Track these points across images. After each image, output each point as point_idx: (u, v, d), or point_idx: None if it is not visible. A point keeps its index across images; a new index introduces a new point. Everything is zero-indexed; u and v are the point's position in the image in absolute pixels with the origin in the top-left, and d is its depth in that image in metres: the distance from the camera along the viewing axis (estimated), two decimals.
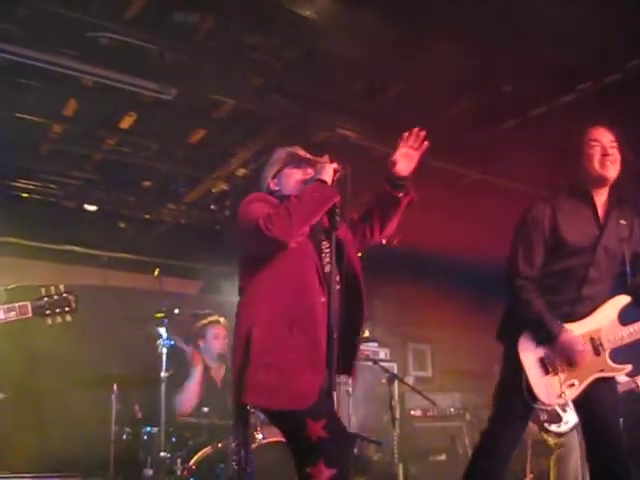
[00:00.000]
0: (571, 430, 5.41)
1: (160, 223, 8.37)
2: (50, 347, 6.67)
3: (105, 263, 8.29)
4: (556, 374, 3.71)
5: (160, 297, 6.19)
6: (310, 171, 3.57)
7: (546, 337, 3.72)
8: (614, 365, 3.79)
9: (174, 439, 5.37)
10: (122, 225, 8.19)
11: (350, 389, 6.43)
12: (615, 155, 3.82)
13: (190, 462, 5.12)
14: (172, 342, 5.30)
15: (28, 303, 3.68)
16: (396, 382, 6.58)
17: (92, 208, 7.67)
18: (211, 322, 6.18)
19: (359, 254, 3.62)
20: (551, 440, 5.46)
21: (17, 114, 6.16)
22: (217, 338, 6.16)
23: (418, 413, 7.63)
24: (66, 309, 3.84)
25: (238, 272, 3.50)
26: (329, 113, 6.14)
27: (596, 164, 3.81)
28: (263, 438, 4.99)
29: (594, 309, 3.81)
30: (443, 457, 7.39)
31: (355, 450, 6.06)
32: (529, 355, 3.74)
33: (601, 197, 3.90)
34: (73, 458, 6.06)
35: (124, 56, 5.25)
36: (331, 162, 3.49)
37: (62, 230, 7.76)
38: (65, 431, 6.45)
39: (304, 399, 3.14)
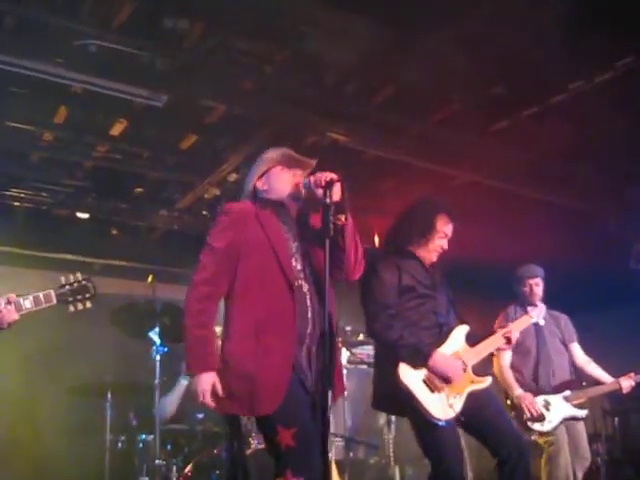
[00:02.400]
0: (556, 428, 5.43)
1: (153, 230, 8.37)
2: (43, 356, 6.67)
3: (98, 271, 8.26)
4: (440, 391, 3.97)
5: (154, 304, 6.15)
6: (299, 173, 3.57)
7: (421, 359, 3.98)
8: (479, 377, 4.18)
9: (169, 446, 5.36)
10: (114, 232, 8.18)
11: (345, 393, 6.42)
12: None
13: (186, 469, 5.11)
14: (166, 349, 5.29)
15: (51, 291, 3.69)
16: None
17: (84, 216, 7.65)
18: None
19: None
20: (540, 440, 5.47)
21: (7, 122, 6.15)
22: None
23: None
24: (87, 295, 3.87)
25: None
26: (319, 117, 6.13)
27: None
28: (258, 443, 4.99)
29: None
30: None
31: (351, 454, 6.06)
32: (412, 379, 3.96)
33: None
34: (68, 466, 6.04)
35: (114, 63, 5.22)
36: (312, 173, 3.47)
37: (54, 238, 7.74)
38: (59, 439, 6.43)
39: (265, 405, 3.15)
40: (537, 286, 5.82)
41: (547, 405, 5.47)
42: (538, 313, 5.11)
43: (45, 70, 5.11)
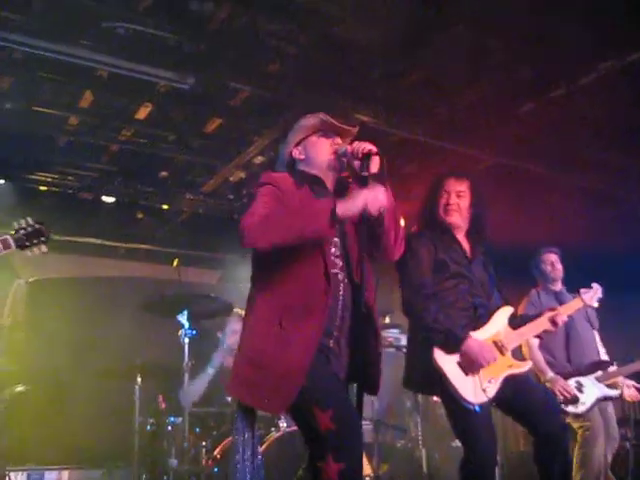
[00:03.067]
0: (589, 410, 5.37)
1: (178, 213, 8.37)
2: (71, 338, 6.71)
3: (123, 254, 8.29)
4: (474, 374, 3.91)
5: (180, 287, 6.16)
6: (338, 140, 3.40)
7: (455, 344, 3.92)
8: (518, 362, 4.14)
9: (198, 429, 5.36)
10: (140, 216, 8.19)
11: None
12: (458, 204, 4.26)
13: (214, 452, 5.11)
14: (194, 332, 5.28)
15: (8, 237, 3.67)
16: None
17: (110, 200, 7.67)
18: (233, 315, 6.18)
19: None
20: (575, 424, 5.41)
21: (34, 107, 6.18)
22: (235, 334, 6.17)
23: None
24: (42, 239, 3.82)
25: (251, 262, 3.36)
26: (346, 98, 6.09)
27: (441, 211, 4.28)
28: (287, 426, 4.98)
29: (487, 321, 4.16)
30: None
31: (379, 437, 6.04)
32: (446, 362, 3.91)
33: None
34: (97, 449, 6.10)
35: (140, 46, 5.23)
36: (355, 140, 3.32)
37: (80, 222, 7.77)
38: (88, 422, 6.49)
39: (275, 402, 3.05)
40: (558, 263, 5.78)
41: (580, 387, 5.41)
42: (592, 296, 4.84)
43: (72, 53, 5.10)
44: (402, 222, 3.54)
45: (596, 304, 4.93)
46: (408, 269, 4.12)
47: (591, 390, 5.43)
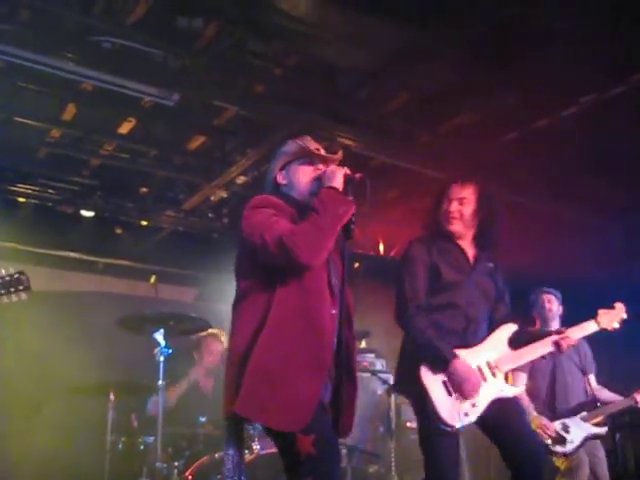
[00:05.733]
0: (578, 449, 5.37)
1: (157, 230, 8.32)
2: (44, 353, 6.61)
3: (101, 270, 8.23)
4: (458, 397, 3.82)
5: (156, 304, 6.12)
6: (322, 167, 3.32)
7: (441, 365, 3.84)
8: (510, 386, 4.09)
9: (170, 449, 5.30)
10: (119, 231, 8.12)
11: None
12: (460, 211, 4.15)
13: (186, 472, 5.06)
14: (169, 350, 5.23)
15: None
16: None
17: (89, 214, 7.61)
18: (209, 335, 6.14)
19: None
20: (558, 462, 5.41)
21: (15, 117, 6.13)
22: (211, 354, 6.15)
23: (414, 425, 7.54)
24: (20, 287, 3.81)
25: (237, 273, 3.26)
26: (329, 122, 6.10)
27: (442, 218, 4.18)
28: (261, 449, 4.94)
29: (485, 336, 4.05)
30: None
31: (352, 461, 6.00)
32: (431, 379, 3.84)
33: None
34: (68, 468, 5.99)
35: (126, 61, 5.22)
36: (340, 164, 3.30)
37: (59, 236, 7.70)
38: (58, 440, 6.37)
39: (297, 420, 2.93)
40: (552, 303, 5.77)
41: (566, 428, 5.41)
42: (612, 317, 4.38)
43: (57, 65, 5.07)
44: (381, 247, 3.53)
45: (617, 325, 4.40)
46: (402, 277, 4.05)
47: (578, 429, 5.44)
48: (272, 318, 3.02)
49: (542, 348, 4.11)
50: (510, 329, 4.07)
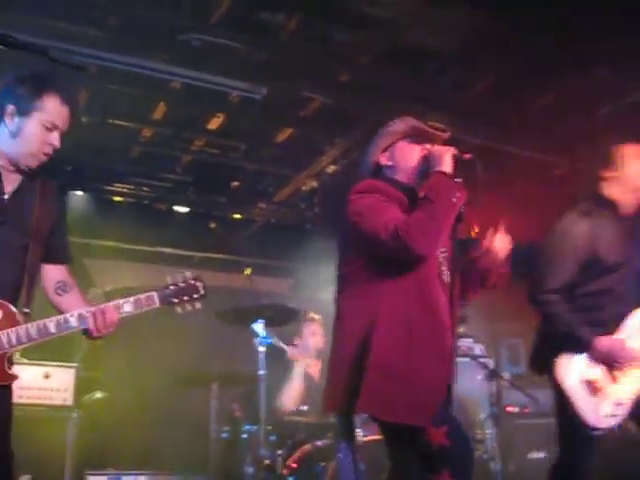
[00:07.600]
0: None
1: (250, 222, 8.43)
2: (149, 347, 6.80)
3: (197, 263, 8.38)
4: (602, 395, 3.54)
5: (252, 296, 6.19)
6: (429, 147, 3.14)
7: (583, 347, 3.55)
8: None
9: (273, 438, 5.36)
10: (213, 225, 8.27)
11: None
12: None
13: (290, 460, 5.10)
14: (269, 340, 5.29)
15: (154, 293, 3.45)
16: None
17: (183, 210, 7.78)
18: (308, 319, 6.17)
19: None
20: None
21: (109, 120, 6.29)
22: (314, 335, 6.13)
23: (515, 410, 7.45)
24: (194, 296, 3.46)
25: (340, 260, 3.17)
26: (417, 107, 6.04)
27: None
28: (364, 435, 4.94)
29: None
30: (542, 455, 7.19)
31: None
32: (571, 377, 3.57)
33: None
34: (174, 456, 6.15)
35: (213, 57, 5.29)
36: (447, 145, 3.13)
37: (154, 232, 7.87)
38: (165, 429, 6.56)
39: (426, 413, 2.82)
40: None
41: None
42: None
43: (148, 66, 5.19)
44: (476, 229, 3.44)
45: None
46: (548, 253, 3.77)
47: None
48: (385, 308, 2.92)
49: None
50: None
